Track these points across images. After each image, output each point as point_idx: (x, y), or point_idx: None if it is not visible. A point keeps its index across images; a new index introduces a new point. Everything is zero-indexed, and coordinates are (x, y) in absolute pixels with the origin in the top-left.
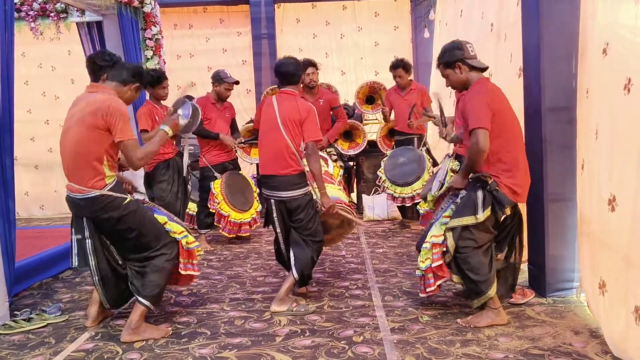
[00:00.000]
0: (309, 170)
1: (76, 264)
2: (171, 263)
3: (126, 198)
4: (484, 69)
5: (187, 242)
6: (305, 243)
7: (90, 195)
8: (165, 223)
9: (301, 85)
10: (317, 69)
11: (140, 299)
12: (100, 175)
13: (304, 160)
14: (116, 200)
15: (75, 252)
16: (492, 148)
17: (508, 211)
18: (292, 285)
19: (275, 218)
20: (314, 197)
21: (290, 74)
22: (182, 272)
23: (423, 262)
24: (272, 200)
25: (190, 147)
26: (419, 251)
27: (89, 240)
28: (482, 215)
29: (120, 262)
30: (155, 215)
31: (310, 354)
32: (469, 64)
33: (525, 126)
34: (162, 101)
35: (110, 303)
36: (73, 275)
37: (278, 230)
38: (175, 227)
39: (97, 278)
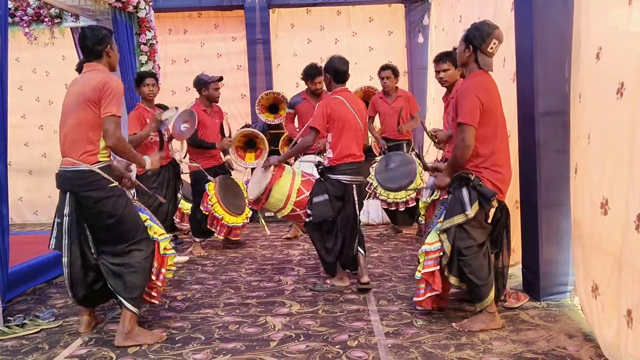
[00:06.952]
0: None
1: (53, 246)
2: (148, 261)
3: (113, 182)
4: (484, 70)
5: (164, 248)
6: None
7: (77, 168)
8: (146, 220)
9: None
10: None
11: (124, 302)
12: (94, 149)
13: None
14: (102, 181)
15: (54, 234)
16: (475, 143)
17: (495, 203)
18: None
19: (356, 202)
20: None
21: (347, 72)
22: (153, 278)
23: (419, 271)
24: (354, 185)
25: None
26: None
27: (67, 217)
28: (472, 210)
29: (93, 251)
30: (139, 212)
31: (305, 358)
32: (477, 57)
33: (519, 131)
34: (152, 102)
35: (75, 292)
36: None
37: (358, 212)
38: (156, 228)
39: (66, 259)
